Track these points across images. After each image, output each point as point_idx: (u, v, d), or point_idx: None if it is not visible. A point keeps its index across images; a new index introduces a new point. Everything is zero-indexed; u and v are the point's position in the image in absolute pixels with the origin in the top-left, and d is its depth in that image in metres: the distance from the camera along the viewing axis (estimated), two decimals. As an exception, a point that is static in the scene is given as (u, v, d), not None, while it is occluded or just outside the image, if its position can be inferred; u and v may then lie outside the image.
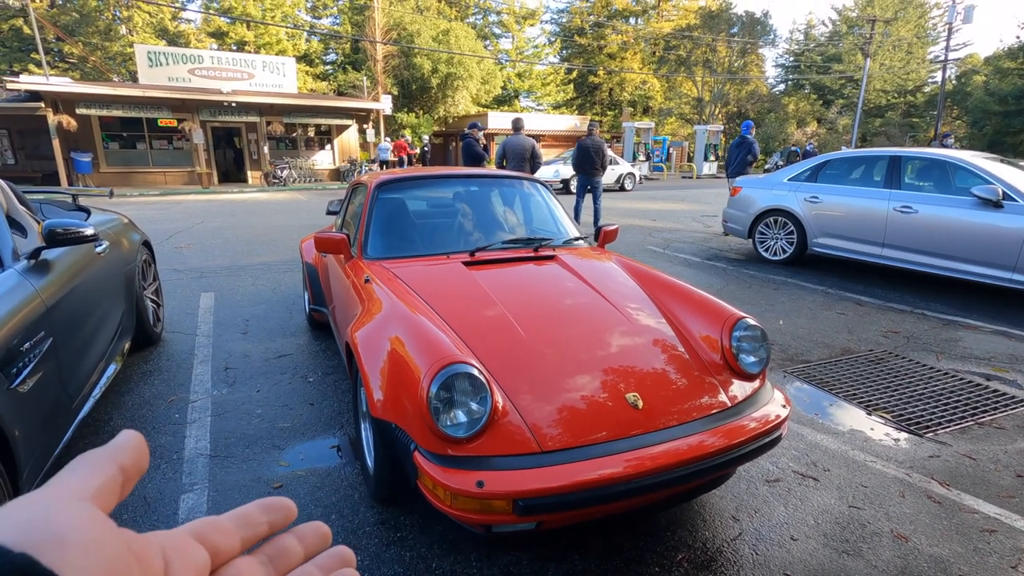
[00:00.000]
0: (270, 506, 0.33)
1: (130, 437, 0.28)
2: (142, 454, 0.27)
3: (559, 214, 3.41)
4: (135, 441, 0.28)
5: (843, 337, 4.20)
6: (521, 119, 7.87)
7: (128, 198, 14.61)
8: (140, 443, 0.28)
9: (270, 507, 0.33)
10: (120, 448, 0.27)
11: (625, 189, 18.06)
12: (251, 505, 0.32)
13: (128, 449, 0.27)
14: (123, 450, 0.27)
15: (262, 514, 0.32)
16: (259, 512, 0.32)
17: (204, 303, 4.89)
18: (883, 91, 37.27)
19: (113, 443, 0.27)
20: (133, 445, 0.27)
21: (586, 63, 39.78)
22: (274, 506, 0.33)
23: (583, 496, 1.60)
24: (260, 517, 0.32)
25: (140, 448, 0.28)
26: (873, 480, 2.40)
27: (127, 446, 0.27)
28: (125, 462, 0.26)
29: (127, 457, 0.27)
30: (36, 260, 2.37)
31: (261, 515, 0.32)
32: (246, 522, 0.31)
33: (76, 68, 28.77)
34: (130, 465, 0.26)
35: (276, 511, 0.33)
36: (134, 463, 0.27)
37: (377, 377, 1.91)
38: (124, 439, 0.28)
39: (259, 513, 0.32)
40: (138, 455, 0.27)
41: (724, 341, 2.14)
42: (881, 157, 5.93)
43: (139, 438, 0.28)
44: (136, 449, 0.27)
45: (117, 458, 0.26)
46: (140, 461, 0.27)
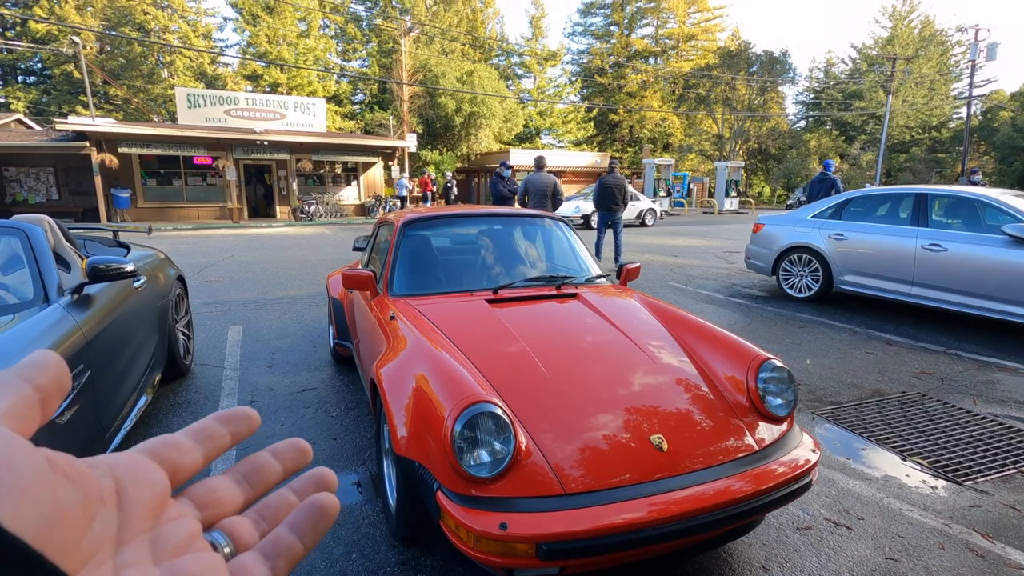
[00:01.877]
0: (229, 417, 0.31)
1: (42, 354, 0.25)
2: (59, 370, 0.24)
3: (581, 252, 3.45)
4: (49, 359, 0.25)
5: (873, 378, 4.09)
6: (543, 157, 8.04)
7: (163, 232, 15.15)
8: (55, 359, 0.25)
9: (229, 418, 0.31)
10: (31, 366, 0.24)
11: (646, 224, 18.10)
12: (208, 418, 0.30)
13: (40, 366, 0.24)
14: (35, 368, 0.24)
15: (221, 425, 0.30)
16: (218, 424, 0.30)
17: (232, 336, 5.00)
18: (907, 127, 37.10)
19: (22, 362, 0.24)
20: (47, 363, 0.24)
21: (606, 101, 40.57)
22: (234, 416, 0.31)
23: (608, 541, 1.57)
24: (220, 429, 0.30)
25: (56, 364, 0.24)
26: (910, 530, 2.30)
27: (40, 363, 0.24)
28: (38, 380, 0.23)
29: (41, 374, 0.23)
30: (79, 295, 2.48)
31: (220, 427, 0.30)
32: (205, 435, 0.29)
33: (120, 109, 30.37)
34: (46, 383, 0.23)
35: (236, 421, 0.31)
36: (51, 381, 0.24)
37: (401, 414, 1.93)
38: (35, 356, 0.24)
39: (218, 425, 0.30)
40: (55, 372, 0.24)
41: (750, 382, 2.12)
42: (907, 195, 5.87)
43: (53, 355, 0.25)
44: (52, 366, 0.24)
45: (28, 375, 0.23)
46: (59, 378, 0.24)
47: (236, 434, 0.30)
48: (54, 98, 31.03)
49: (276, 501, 0.31)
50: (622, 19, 42.32)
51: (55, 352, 0.25)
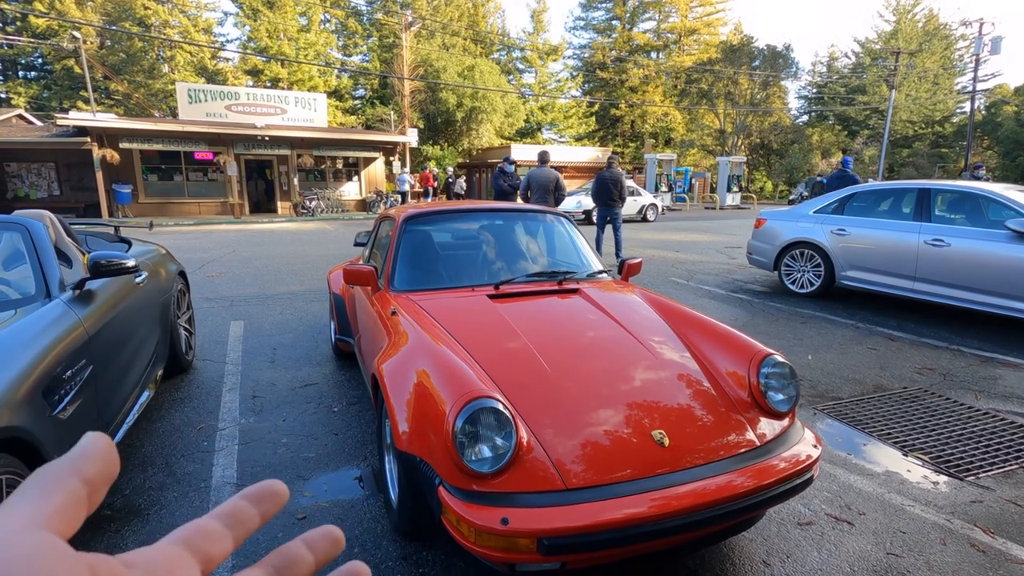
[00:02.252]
0: (259, 496, 0.29)
1: (93, 441, 0.25)
2: (109, 459, 0.24)
3: (582, 247, 3.44)
4: (100, 445, 0.24)
5: (875, 373, 4.08)
6: (547, 152, 8.01)
7: (164, 227, 15.15)
8: (106, 447, 0.24)
9: (259, 497, 0.29)
10: (82, 456, 0.24)
11: (647, 220, 18.06)
12: (238, 497, 0.29)
13: (91, 456, 0.24)
14: (85, 458, 0.24)
15: (252, 505, 0.29)
16: (248, 505, 0.29)
17: (234, 331, 5.01)
18: (910, 122, 36.92)
19: (74, 451, 0.24)
20: (98, 450, 0.24)
21: (608, 96, 40.42)
22: (263, 495, 0.30)
23: (609, 536, 1.57)
24: (250, 510, 0.29)
25: (106, 453, 0.24)
26: (912, 526, 2.30)
27: (90, 453, 0.24)
28: (88, 472, 0.23)
29: (91, 466, 0.23)
30: (81, 290, 2.48)
31: (251, 507, 0.29)
32: (236, 519, 0.28)
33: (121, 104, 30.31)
34: (95, 474, 0.23)
35: (266, 499, 0.30)
36: (100, 471, 0.24)
37: (403, 409, 1.93)
38: (87, 444, 0.24)
39: (248, 506, 0.29)
40: (104, 461, 0.24)
41: (752, 378, 2.11)
42: (910, 189, 5.85)
43: (104, 441, 0.25)
44: (102, 455, 0.24)
45: (79, 468, 0.23)
46: (108, 467, 0.24)
47: (265, 514, 0.29)
48: (55, 93, 30.99)
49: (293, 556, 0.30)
50: (624, 13, 42.11)
51: (107, 436, 0.25)
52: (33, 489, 0.22)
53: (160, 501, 2.43)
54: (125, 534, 2.21)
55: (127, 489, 2.52)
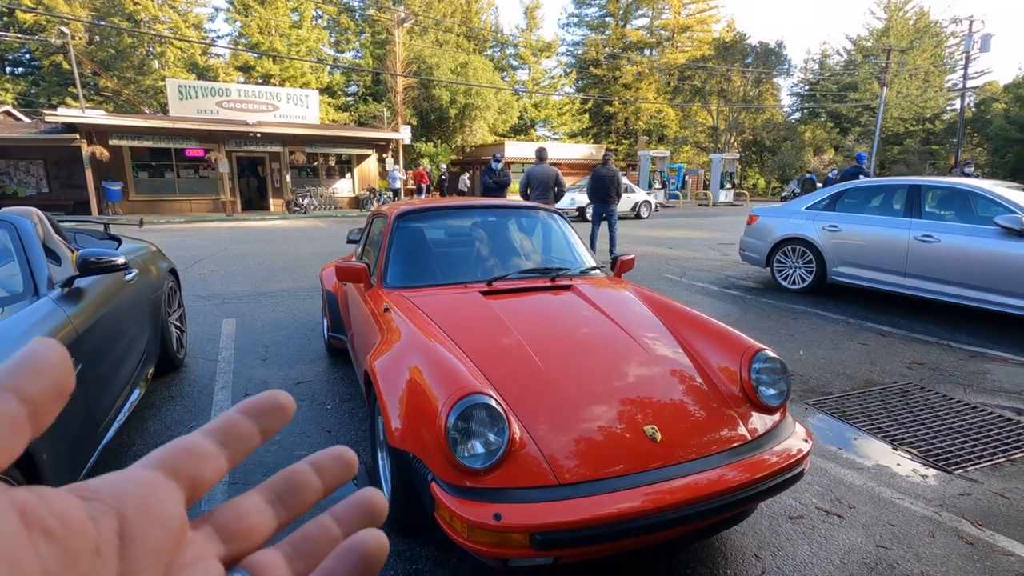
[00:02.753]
0: (259, 408, 0.25)
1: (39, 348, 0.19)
2: (59, 370, 0.19)
3: (575, 244, 3.44)
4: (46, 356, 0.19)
5: (866, 368, 4.11)
6: (545, 149, 8.04)
7: (155, 225, 15.04)
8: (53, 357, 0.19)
9: (259, 409, 0.25)
10: (22, 368, 0.19)
11: (641, 217, 18.10)
12: (234, 410, 0.25)
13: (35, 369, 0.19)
14: (26, 370, 0.18)
15: (250, 420, 0.25)
16: (246, 419, 0.25)
17: (226, 329, 4.98)
18: (900, 119, 37.18)
19: (11, 360, 0.19)
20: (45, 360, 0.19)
21: (601, 93, 40.43)
22: (264, 406, 0.25)
23: (602, 531, 1.58)
24: (248, 426, 0.25)
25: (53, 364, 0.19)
26: (901, 518, 2.32)
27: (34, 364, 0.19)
28: (28, 388, 0.18)
29: (34, 380, 0.18)
30: (69, 288, 2.46)
31: (249, 422, 0.25)
32: (231, 434, 0.24)
33: (110, 101, 30.02)
34: (38, 392, 0.18)
35: (267, 413, 0.25)
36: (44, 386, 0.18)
37: (395, 406, 1.93)
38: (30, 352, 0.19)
39: (246, 420, 0.25)
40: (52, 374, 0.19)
41: (743, 373, 2.12)
42: (900, 186, 5.89)
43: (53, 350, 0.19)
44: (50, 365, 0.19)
45: (17, 383, 0.18)
46: (58, 381, 0.19)
47: (267, 430, 0.25)
48: (43, 89, 30.64)
49: (316, 533, 0.26)
50: (617, 10, 42.08)
51: (55, 342, 0.20)
52: None
53: (152, 500, 2.41)
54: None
55: (118, 488, 2.50)
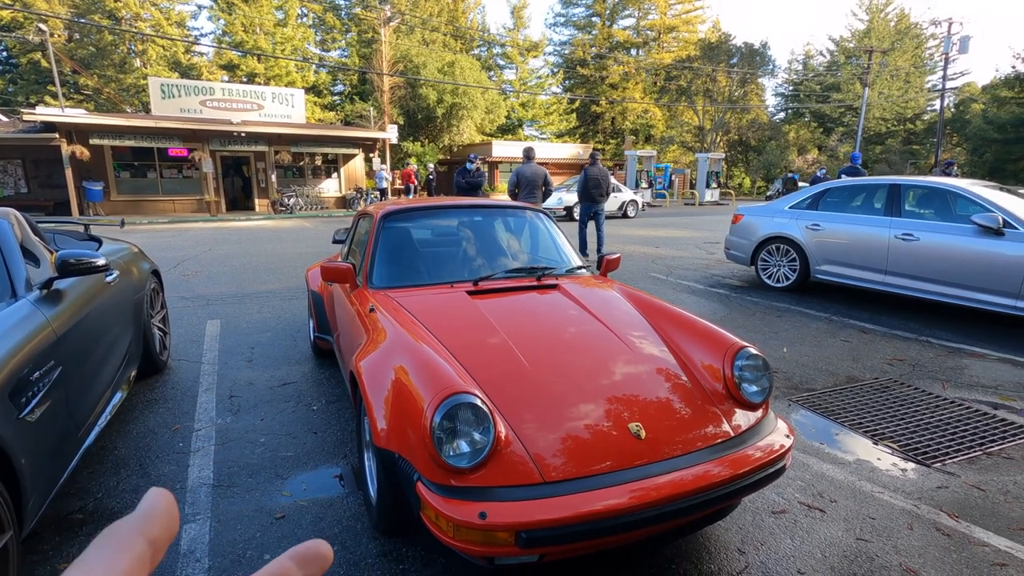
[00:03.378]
0: (306, 558, 0.29)
1: (158, 502, 0.26)
2: (171, 517, 0.26)
3: (562, 243, 3.46)
4: (164, 506, 0.26)
5: (848, 365, 4.18)
6: (532, 148, 8.07)
7: (138, 226, 14.82)
8: (169, 506, 0.26)
9: (306, 559, 0.29)
10: (146, 517, 0.25)
11: (628, 216, 18.20)
12: (285, 558, 0.29)
13: (155, 516, 0.25)
14: (149, 519, 0.25)
15: (297, 568, 0.29)
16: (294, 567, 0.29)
17: (210, 331, 4.93)
18: (883, 119, 37.74)
19: (140, 511, 0.25)
20: (160, 509, 0.25)
21: (588, 93, 40.56)
22: (310, 557, 0.29)
23: (587, 528, 1.59)
24: (296, 572, 0.29)
25: (168, 511, 0.26)
26: (881, 512, 2.37)
27: (154, 514, 0.25)
28: (153, 532, 0.24)
29: (155, 526, 0.25)
30: (48, 290, 2.42)
31: (297, 570, 0.29)
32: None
33: (91, 99, 29.51)
34: (159, 535, 0.25)
35: (311, 561, 0.29)
36: (163, 531, 0.25)
37: (381, 407, 1.93)
38: (152, 504, 0.26)
39: (294, 568, 0.29)
40: (167, 521, 0.25)
41: (726, 370, 2.15)
42: (881, 185, 5.99)
43: (168, 501, 0.26)
44: (164, 513, 0.25)
45: (145, 530, 0.24)
46: (170, 526, 0.25)
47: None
48: (21, 88, 30.03)
49: None
50: (604, 10, 42.23)
51: (169, 493, 0.26)
52: (106, 548, 0.23)
53: (134, 504, 2.38)
54: (98, 538, 2.16)
55: (99, 492, 2.47)
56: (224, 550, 2.08)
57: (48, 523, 2.24)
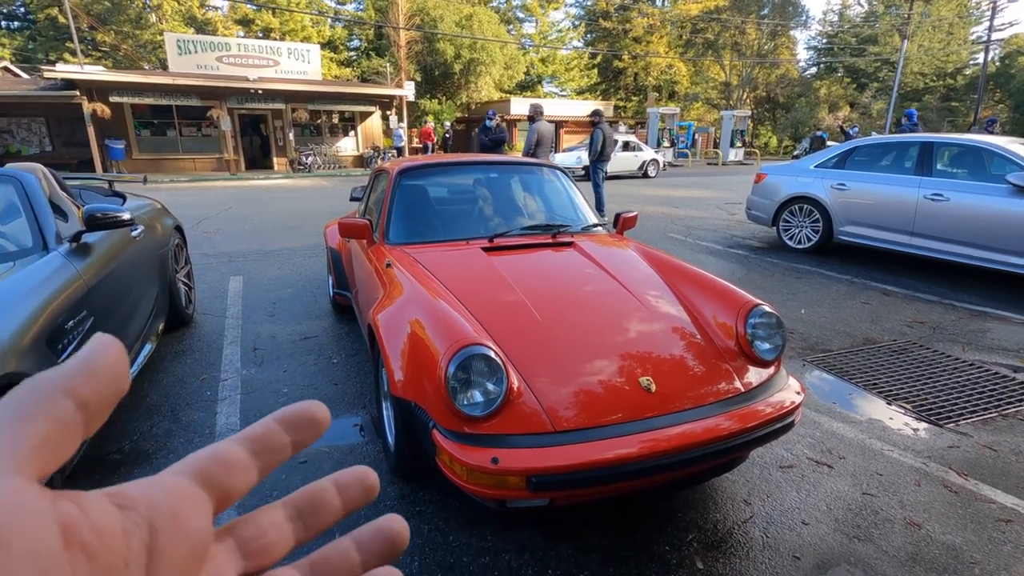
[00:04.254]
0: (294, 420, 0.25)
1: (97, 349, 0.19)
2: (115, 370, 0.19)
3: (578, 201, 3.43)
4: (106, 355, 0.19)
5: (866, 327, 4.14)
6: (542, 105, 7.93)
7: (160, 184, 15.01)
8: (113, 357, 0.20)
9: (294, 422, 0.25)
10: (79, 370, 0.19)
11: (648, 176, 17.86)
12: (270, 419, 0.25)
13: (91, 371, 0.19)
14: (84, 373, 0.19)
15: (285, 432, 0.24)
16: (281, 430, 0.24)
17: (233, 286, 5.05)
18: (921, 74, 35.89)
19: (72, 361, 0.19)
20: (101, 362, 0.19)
21: (611, 47, 39.16)
22: (300, 420, 0.25)
23: (595, 474, 1.65)
24: (282, 437, 0.24)
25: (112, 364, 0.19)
26: (889, 468, 2.40)
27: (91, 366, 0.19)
28: (85, 391, 0.18)
29: (89, 383, 0.18)
30: (77, 243, 2.50)
31: (283, 434, 0.24)
32: (265, 446, 0.24)
33: (108, 57, 29.43)
34: (94, 394, 0.18)
35: (302, 427, 0.25)
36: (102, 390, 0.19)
37: (398, 358, 1.98)
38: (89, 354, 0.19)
39: (281, 431, 0.24)
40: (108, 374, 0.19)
41: (739, 328, 2.16)
42: (912, 143, 5.77)
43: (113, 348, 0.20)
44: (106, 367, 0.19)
45: (73, 386, 0.18)
46: (112, 384, 0.19)
47: (300, 442, 0.25)
48: (40, 45, 30.04)
49: (336, 557, 0.25)
50: (629, -42, 40.27)
51: (113, 339, 0.20)
52: (14, 411, 0.17)
53: (167, 446, 2.52)
54: (135, 477, 2.30)
55: (135, 435, 2.61)
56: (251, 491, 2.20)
57: (89, 463, 2.38)
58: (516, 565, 1.83)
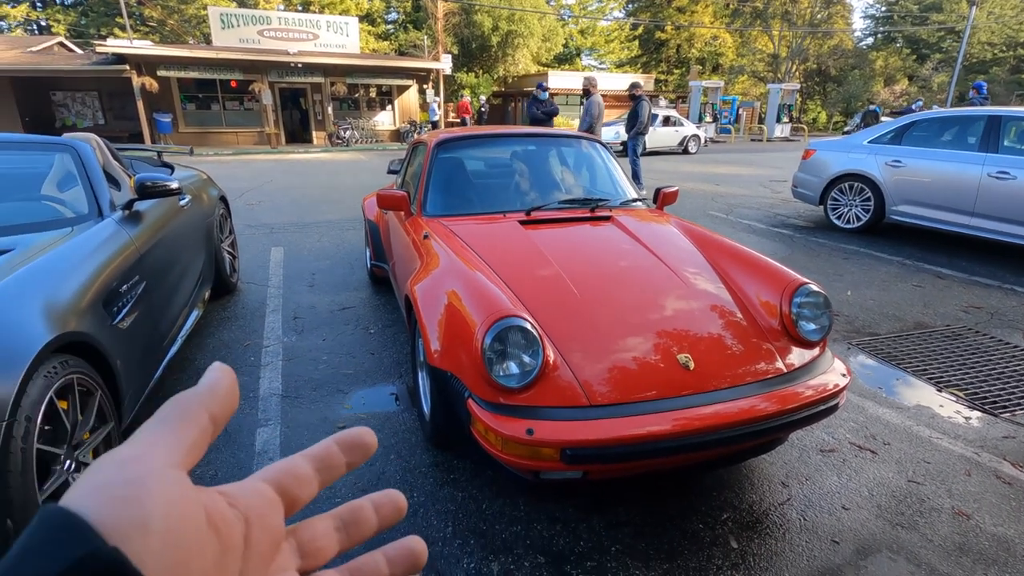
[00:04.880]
0: (351, 443, 0.30)
1: (220, 377, 0.26)
2: (232, 394, 0.26)
3: (617, 175, 3.36)
4: (226, 381, 0.26)
5: (917, 311, 3.96)
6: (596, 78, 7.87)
7: (205, 157, 15.43)
8: (231, 382, 0.26)
9: (351, 444, 0.30)
10: (210, 391, 0.25)
11: (689, 152, 17.36)
12: (330, 441, 0.30)
13: (219, 393, 0.25)
14: (213, 394, 0.25)
15: (342, 452, 0.30)
16: (339, 450, 0.30)
17: (274, 257, 5.18)
18: (989, 44, 33.44)
19: (203, 385, 0.25)
20: (224, 386, 0.26)
21: (653, 17, 37.81)
22: (355, 443, 0.30)
23: (629, 450, 1.64)
24: (339, 457, 0.29)
25: (230, 389, 0.26)
26: (937, 457, 2.31)
27: (218, 389, 0.25)
28: (215, 408, 0.25)
29: (218, 402, 0.25)
30: (130, 211, 2.59)
31: (341, 454, 0.30)
32: (326, 464, 0.29)
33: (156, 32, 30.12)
34: (220, 411, 0.25)
35: (357, 449, 0.30)
36: (224, 407, 0.25)
37: (435, 328, 2.00)
38: (214, 379, 0.26)
39: (339, 452, 0.30)
40: (228, 397, 0.25)
41: (783, 307, 2.09)
42: (978, 117, 5.40)
43: (229, 377, 0.26)
44: (227, 391, 0.26)
45: (207, 404, 0.25)
46: (231, 402, 0.26)
47: (352, 464, 0.30)
48: (92, 20, 30.96)
49: (369, 567, 0.30)
50: (675, -78, 38.51)
51: (230, 370, 0.27)
52: (170, 422, 0.23)
53: (214, 408, 2.62)
54: (184, 435, 2.42)
55: (184, 396, 2.72)
56: (293, 452, 2.28)
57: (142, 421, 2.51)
58: (548, 535, 1.85)
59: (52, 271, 1.87)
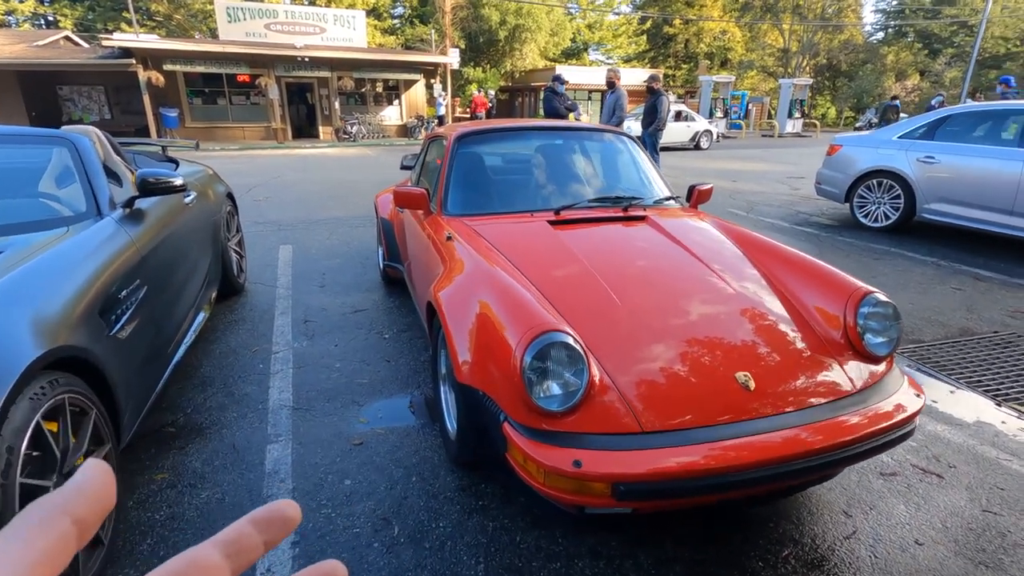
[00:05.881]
0: (268, 520, 0.27)
1: (91, 476, 0.23)
2: (104, 494, 0.23)
3: (648, 171, 3.15)
4: (98, 480, 0.23)
5: (961, 316, 3.74)
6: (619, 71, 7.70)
7: (211, 152, 15.26)
8: (103, 481, 0.23)
9: (268, 521, 0.27)
10: (76, 492, 0.23)
11: (700, 147, 17.08)
12: (244, 522, 0.27)
13: (85, 493, 0.23)
14: (78, 494, 0.23)
15: (258, 532, 0.27)
16: (255, 531, 0.27)
17: (283, 255, 5.00)
18: (1003, 38, 32.83)
19: (68, 485, 0.23)
20: (92, 486, 0.23)
21: (662, 11, 37.36)
22: (273, 519, 0.27)
23: (691, 484, 1.45)
24: (255, 538, 0.26)
25: (101, 488, 0.23)
26: (1011, 482, 2.10)
27: (85, 489, 0.23)
28: (80, 511, 0.22)
29: (83, 503, 0.23)
30: (131, 209, 2.41)
31: (256, 534, 0.27)
32: (239, 548, 0.26)
33: (162, 26, 29.98)
34: (87, 513, 0.22)
35: (275, 526, 0.27)
36: (93, 509, 0.23)
37: (464, 340, 1.81)
38: (82, 479, 0.23)
39: (254, 533, 0.27)
40: (98, 497, 0.23)
41: (848, 318, 1.89)
42: (1016, 111, 5.16)
43: (102, 472, 0.24)
44: (96, 490, 0.23)
45: (70, 507, 0.22)
46: (101, 503, 0.23)
47: (271, 541, 0.27)
48: (99, 15, 30.85)
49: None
50: (684, -86, 37.99)
51: (106, 466, 0.24)
52: (20, 531, 0.21)
53: (221, 420, 2.45)
54: (189, 451, 2.24)
55: (189, 408, 2.55)
56: (306, 473, 2.10)
57: (143, 436, 2.33)
58: (591, 574, 1.66)
59: (43, 277, 1.69)
